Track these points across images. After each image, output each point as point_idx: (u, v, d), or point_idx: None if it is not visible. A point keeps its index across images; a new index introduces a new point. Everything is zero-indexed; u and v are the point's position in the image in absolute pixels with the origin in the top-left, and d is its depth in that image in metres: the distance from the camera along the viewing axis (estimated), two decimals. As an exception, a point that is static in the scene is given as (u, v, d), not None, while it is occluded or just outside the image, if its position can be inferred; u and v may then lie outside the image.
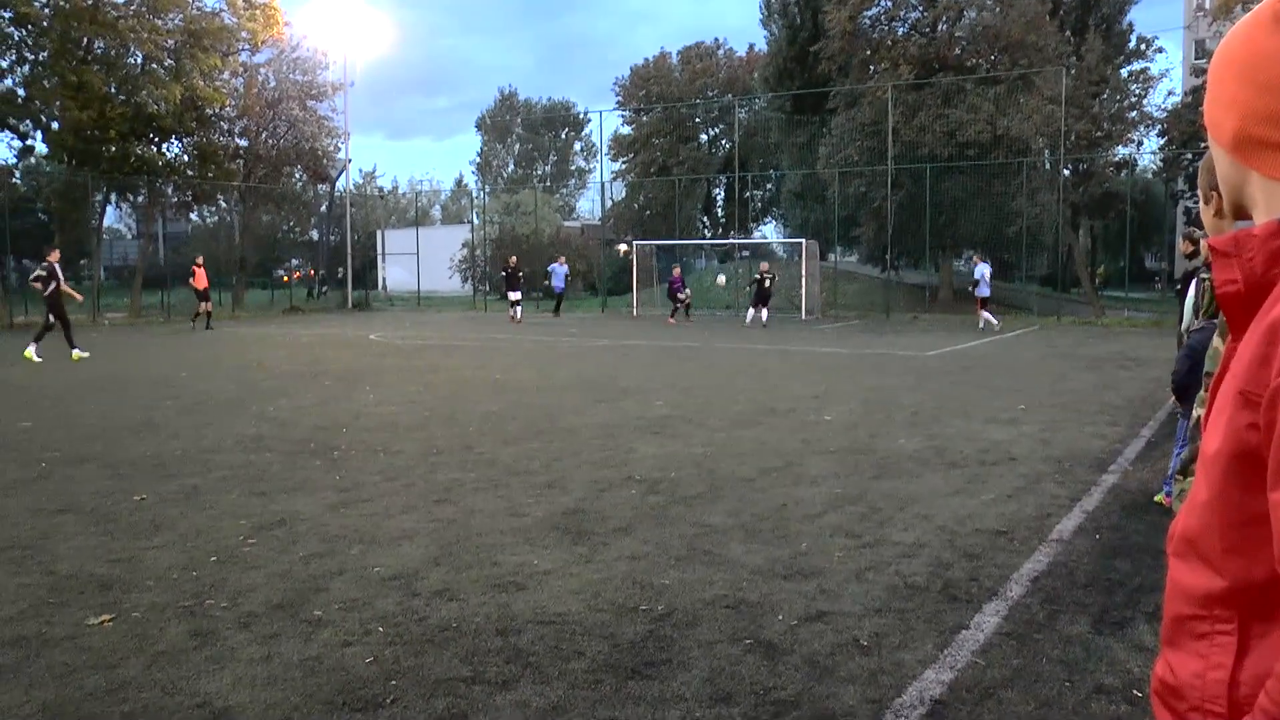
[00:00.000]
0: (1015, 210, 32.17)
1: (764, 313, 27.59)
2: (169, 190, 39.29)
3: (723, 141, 54.90)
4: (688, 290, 32.04)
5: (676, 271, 32.66)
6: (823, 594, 5.02)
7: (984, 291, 26.18)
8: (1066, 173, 33.45)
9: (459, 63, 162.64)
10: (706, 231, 54.78)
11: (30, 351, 18.59)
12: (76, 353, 18.74)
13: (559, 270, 33.57)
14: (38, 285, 19.00)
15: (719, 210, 57.15)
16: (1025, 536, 6.10)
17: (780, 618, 4.67)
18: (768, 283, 27.82)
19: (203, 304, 28.27)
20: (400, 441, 9.56)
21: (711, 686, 3.95)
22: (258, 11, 37.22)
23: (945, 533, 6.16)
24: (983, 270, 26.35)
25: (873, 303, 34.50)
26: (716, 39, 58.22)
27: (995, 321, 25.83)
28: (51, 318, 19.00)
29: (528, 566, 5.49)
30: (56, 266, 18.88)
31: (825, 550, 5.78)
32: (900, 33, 35.74)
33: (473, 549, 5.84)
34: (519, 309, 31.72)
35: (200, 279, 28.23)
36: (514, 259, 33.85)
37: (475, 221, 51.65)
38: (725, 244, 46.43)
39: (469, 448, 9.20)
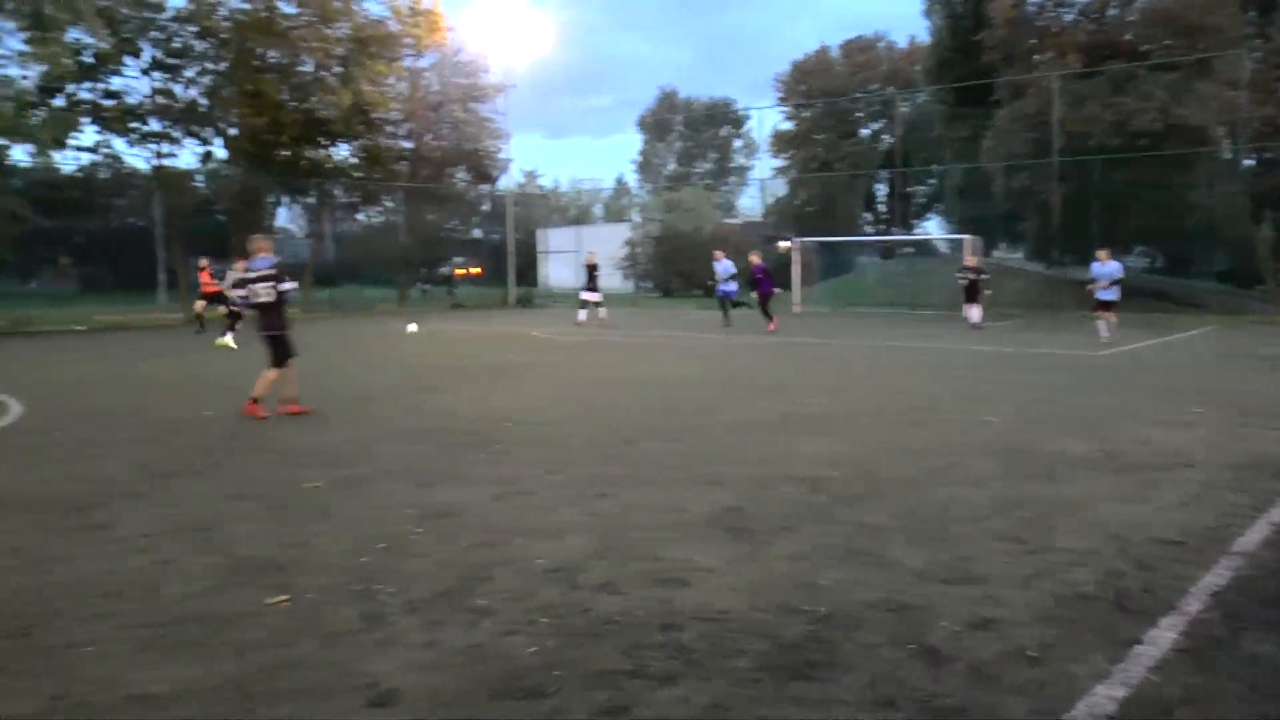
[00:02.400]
0: (1191, 203, 30.75)
1: (975, 311, 25.20)
2: (337, 191, 40.70)
3: (884, 136, 53.98)
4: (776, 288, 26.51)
5: (756, 260, 26.47)
6: (987, 600, 4.89)
7: (1109, 295, 21.37)
8: (1249, 162, 31.81)
9: (618, 61, 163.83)
10: (868, 227, 53.99)
11: (225, 340, 20.47)
12: (226, 340, 20.65)
13: (725, 267, 27.29)
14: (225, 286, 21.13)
15: (881, 206, 56.26)
16: (1203, 547, 5.82)
17: (943, 623, 4.57)
18: (973, 279, 25.36)
19: (206, 305, 26.92)
20: (560, 435, 9.71)
21: (873, 691, 3.90)
22: (421, 18, 38.24)
23: (1116, 541, 5.93)
24: (1108, 270, 21.61)
25: (1037, 300, 33.46)
26: (877, 31, 57.18)
27: (1105, 334, 21.20)
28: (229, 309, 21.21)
29: (689, 562, 5.50)
30: (233, 271, 20.46)
31: (989, 555, 5.63)
32: (1067, 19, 34.55)
33: (634, 543, 5.89)
34: (583, 313, 28.45)
35: (207, 282, 26.96)
36: (593, 256, 30.50)
37: (636, 219, 52.01)
38: (887, 240, 45.72)
39: (628, 443, 9.28)
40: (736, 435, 9.68)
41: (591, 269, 29.01)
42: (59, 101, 33.16)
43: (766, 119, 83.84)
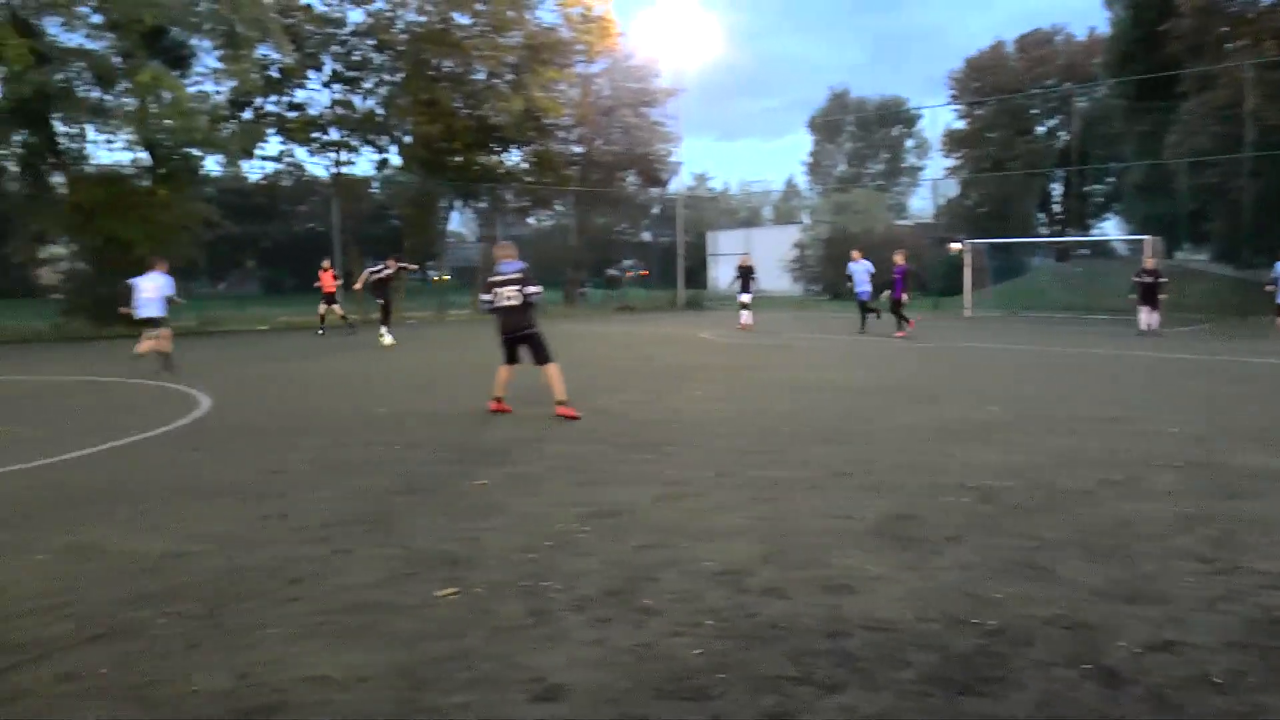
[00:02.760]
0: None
1: (1151, 316, 24.35)
2: (509, 196, 41.60)
3: (1061, 133, 52.27)
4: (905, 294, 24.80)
5: (900, 260, 24.95)
6: (1170, 622, 4.69)
7: None
8: None
9: (788, 62, 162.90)
10: (1043, 229, 52.34)
11: (385, 337, 21.24)
12: (387, 338, 21.98)
13: (861, 269, 26.04)
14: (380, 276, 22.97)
15: (1056, 206, 54.47)
16: None
17: (1122, 644, 4.40)
18: (1150, 282, 24.36)
19: (327, 306, 27.62)
20: (727, 438, 9.73)
21: (1046, 710, 3.79)
22: (593, 25, 38.78)
23: (1313, 561, 5.61)
24: None
25: (1224, 304, 31.86)
26: (1054, 24, 55.27)
27: None
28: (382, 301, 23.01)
29: (856, 570, 5.45)
30: (387, 267, 22.81)
31: (1172, 574, 5.40)
32: (1265, 3, 32.78)
33: (801, 548, 5.87)
34: (746, 314, 27.76)
35: (328, 283, 27.57)
36: (747, 258, 29.60)
37: (806, 221, 51.66)
38: (1062, 241, 44.25)
39: (795, 447, 9.24)
40: (903, 441, 9.54)
41: (745, 271, 28.35)
42: (247, 114, 34.99)
43: (939, 118, 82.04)
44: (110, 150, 36.43)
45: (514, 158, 41.39)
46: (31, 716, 3.79)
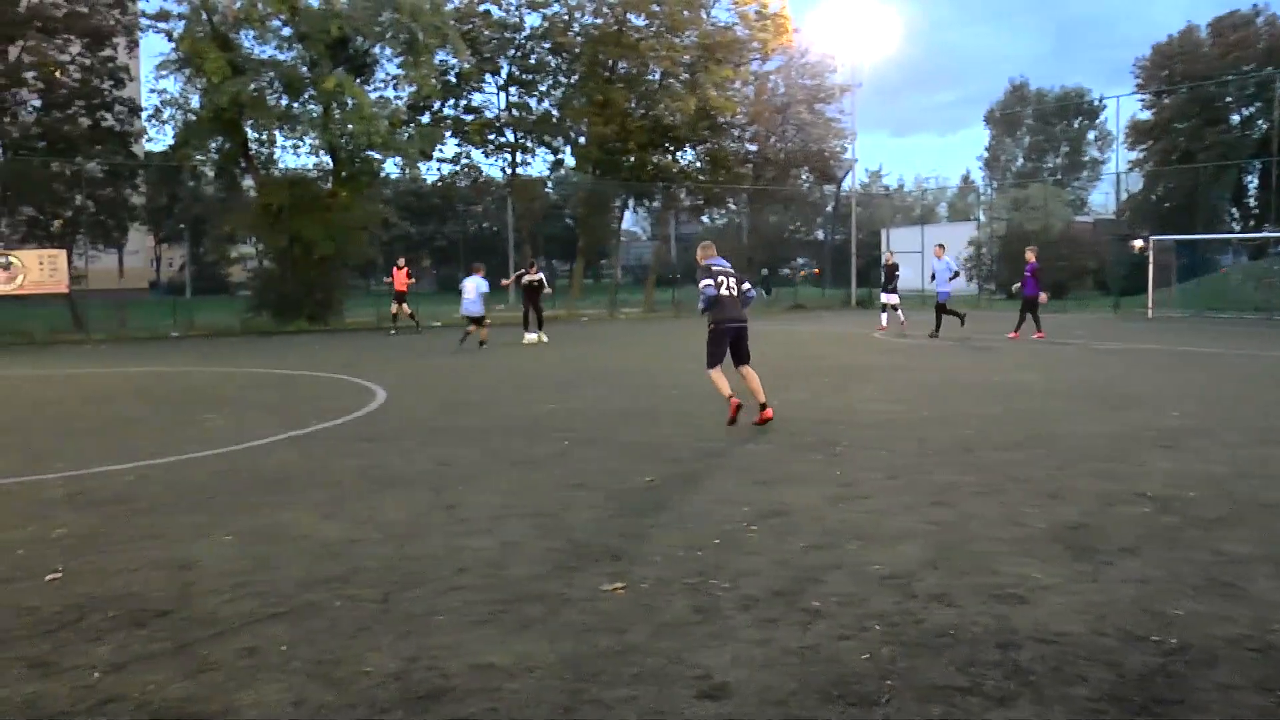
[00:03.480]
0: None
1: None
2: (682, 194, 41.77)
3: (1259, 122, 49.36)
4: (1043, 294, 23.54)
5: (1031, 257, 23.51)
6: (1373, 643, 4.36)
7: None
8: None
9: (965, 55, 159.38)
10: (1235, 224, 49.61)
11: (533, 337, 22.82)
12: (531, 338, 23.06)
13: (944, 267, 24.00)
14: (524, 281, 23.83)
15: (1251, 200, 51.54)
16: None
17: (1319, 667, 4.12)
18: None
19: (399, 305, 28.43)
20: (898, 439, 9.55)
21: (1232, 733, 3.57)
22: (768, 22, 38.57)
23: None
24: None
25: None
26: (1255, 5, 51.78)
27: None
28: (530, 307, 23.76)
29: (1028, 579, 5.26)
30: (527, 271, 23.93)
31: (1377, 593, 5.03)
32: None
33: (971, 555, 5.70)
34: (884, 317, 26.86)
35: (400, 280, 28.34)
36: (892, 256, 28.45)
37: (981, 219, 50.32)
38: (1258, 238, 41.89)
39: (967, 450, 9.00)
40: (1080, 446, 9.17)
41: (891, 270, 27.02)
42: (425, 118, 36.12)
43: (1123, 108, 78.77)
44: (296, 155, 38.09)
45: (687, 156, 41.55)
46: (217, 687, 3.97)
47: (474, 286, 21.56)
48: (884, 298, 26.99)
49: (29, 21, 30.63)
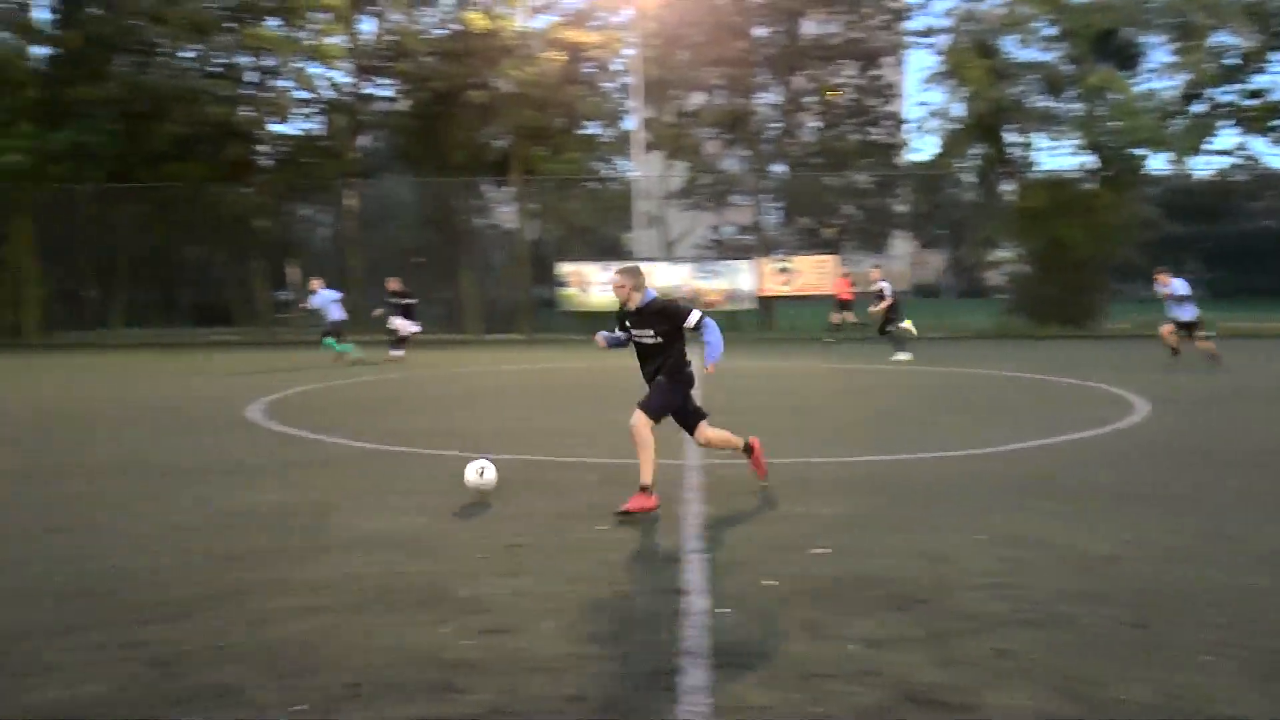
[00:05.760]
0: None
1: None
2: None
3: None
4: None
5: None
6: None
7: None
8: None
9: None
10: None
11: (901, 356, 20.78)
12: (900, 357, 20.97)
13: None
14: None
15: None
16: None
17: None
18: None
19: (842, 314, 27.44)
20: None
21: None
22: None
23: None
24: None
25: None
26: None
27: None
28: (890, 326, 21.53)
29: None
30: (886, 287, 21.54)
31: None
32: None
33: None
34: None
35: (843, 290, 27.48)
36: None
37: None
38: None
39: None
40: None
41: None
42: (1196, 108, 33.35)
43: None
44: (1055, 155, 37.77)
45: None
46: (966, 682, 4.08)
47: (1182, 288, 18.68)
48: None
49: (810, 52, 33.94)
